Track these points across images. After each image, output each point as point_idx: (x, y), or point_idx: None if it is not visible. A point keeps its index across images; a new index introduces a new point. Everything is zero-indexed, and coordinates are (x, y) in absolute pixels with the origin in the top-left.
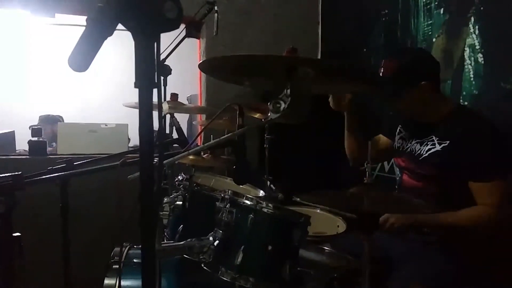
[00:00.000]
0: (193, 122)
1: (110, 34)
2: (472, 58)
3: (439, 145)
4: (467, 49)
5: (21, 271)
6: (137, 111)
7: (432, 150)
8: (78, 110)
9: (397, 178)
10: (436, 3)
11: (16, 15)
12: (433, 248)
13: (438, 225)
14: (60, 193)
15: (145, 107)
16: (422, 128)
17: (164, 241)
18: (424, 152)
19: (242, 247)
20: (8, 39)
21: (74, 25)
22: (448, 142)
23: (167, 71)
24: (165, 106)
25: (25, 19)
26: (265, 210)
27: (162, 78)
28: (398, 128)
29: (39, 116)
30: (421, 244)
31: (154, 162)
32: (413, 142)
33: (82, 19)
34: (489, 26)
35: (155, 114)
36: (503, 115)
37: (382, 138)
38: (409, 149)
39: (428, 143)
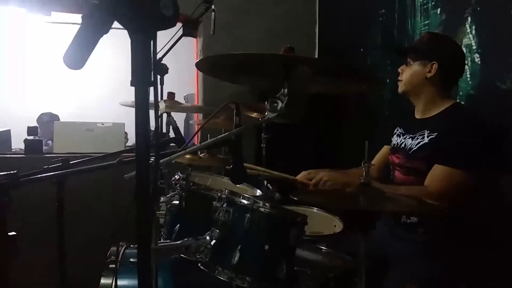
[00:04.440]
0: (190, 121)
1: (106, 31)
2: (469, 58)
3: (427, 138)
4: (463, 49)
5: (16, 271)
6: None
7: (421, 143)
8: (74, 109)
9: (391, 177)
10: (432, 3)
11: (13, 13)
12: (428, 249)
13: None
14: (56, 192)
15: (141, 105)
16: (417, 124)
17: (160, 240)
18: (414, 146)
19: (239, 246)
20: (4, 37)
21: (71, 23)
22: (436, 134)
23: (164, 70)
24: (162, 105)
25: (22, 17)
26: (262, 209)
27: (158, 77)
28: (396, 129)
29: (37, 119)
30: (417, 245)
31: (151, 161)
32: (407, 137)
33: (78, 17)
34: (485, 26)
35: (152, 113)
36: (499, 115)
37: (387, 149)
38: (402, 145)
39: (419, 137)
